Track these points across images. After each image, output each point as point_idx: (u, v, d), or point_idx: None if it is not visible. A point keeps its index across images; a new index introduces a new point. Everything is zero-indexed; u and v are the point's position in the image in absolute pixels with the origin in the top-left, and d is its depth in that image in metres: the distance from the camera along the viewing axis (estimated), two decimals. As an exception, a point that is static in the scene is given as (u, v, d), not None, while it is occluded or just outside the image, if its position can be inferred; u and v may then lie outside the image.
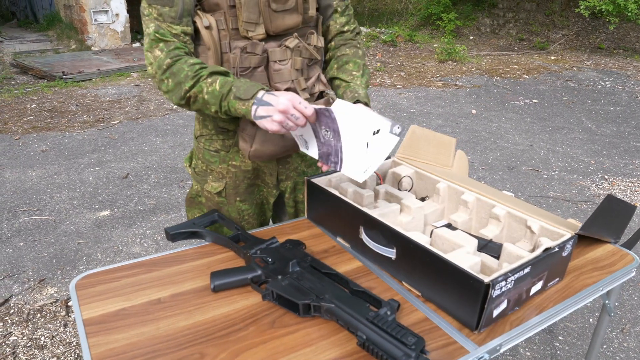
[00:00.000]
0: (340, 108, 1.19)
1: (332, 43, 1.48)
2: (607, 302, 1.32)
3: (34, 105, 5.79)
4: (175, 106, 5.80)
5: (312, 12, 1.33)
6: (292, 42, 1.31)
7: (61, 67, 7.22)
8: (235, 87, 1.18)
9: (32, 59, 7.83)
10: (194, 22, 1.26)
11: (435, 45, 9.80)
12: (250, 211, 1.53)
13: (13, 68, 7.58)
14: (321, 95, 1.45)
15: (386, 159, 1.59)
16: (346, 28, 1.48)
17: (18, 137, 4.77)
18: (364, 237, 1.26)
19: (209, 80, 1.19)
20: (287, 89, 1.33)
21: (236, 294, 1.14)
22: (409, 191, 1.50)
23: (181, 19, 1.21)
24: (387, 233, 1.17)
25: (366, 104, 1.36)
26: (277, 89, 1.33)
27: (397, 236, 1.15)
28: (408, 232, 1.14)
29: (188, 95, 1.22)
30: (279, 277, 1.12)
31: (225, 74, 1.21)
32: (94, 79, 7.00)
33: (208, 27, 1.24)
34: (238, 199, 1.49)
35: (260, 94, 1.17)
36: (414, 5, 12.53)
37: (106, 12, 9.06)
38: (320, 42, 1.38)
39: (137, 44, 9.60)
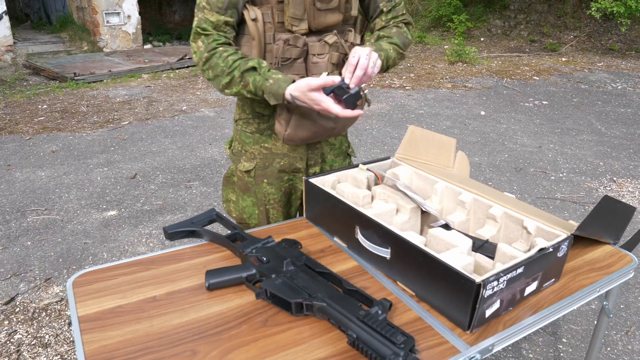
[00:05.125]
0: None
1: (376, 32, 1.53)
2: (605, 303, 1.31)
3: (45, 106, 5.85)
4: (185, 107, 5.85)
5: (354, 12, 1.41)
6: (331, 38, 1.39)
7: (73, 69, 7.30)
8: (266, 94, 1.32)
9: (44, 60, 7.93)
10: (242, 14, 1.35)
11: (445, 46, 9.77)
12: (277, 197, 1.58)
13: (26, 69, 7.68)
14: None
15: (385, 159, 1.59)
16: (393, 21, 1.52)
17: (29, 138, 4.83)
18: (359, 237, 1.26)
19: (242, 83, 1.33)
20: None
21: (231, 292, 1.15)
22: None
23: (227, 10, 1.32)
24: (382, 233, 1.18)
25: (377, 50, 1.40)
26: None
27: (391, 236, 1.15)
28: (403, 232, 1.14)
29: (228, 92, 1.37)
30: (273, 275, 1.12)
31: (253, 69, 1.32)
32: (105, 80, 7.07)
33: (254, 20, 1.33)
34: (265, 180, 1.56)
35: (288, 94, 1.29)
36: (424, 7, 12.50)
37: (118, 14, 9.15)
38: (357, 40, 1.45)
39: (148, 46, 9.68)
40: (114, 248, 2.96)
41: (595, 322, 2.33)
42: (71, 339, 2.22)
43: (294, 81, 1.29)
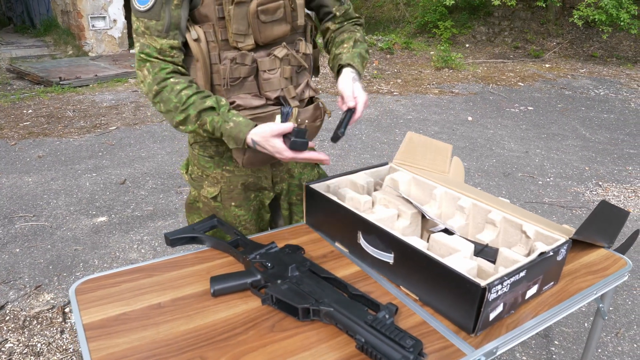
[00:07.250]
0: None
1: (333, 34, 1.51)
2: (600, 305, 1.34)
3: (30, 111, 5.78)
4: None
5: (301, 21, 1.34)
6: (281, 51, 1.32)
7: (58, 73, 7.22)
8: (225, 137, 1.26)
9: (28, 65, 7.83)
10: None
11: (431, 52, 9.86)
12: (247, 217, 1.53)
13: (9, 73, 7.58)
14: (311, 100, 1.47)
15: (384, 164, 1.61)
16: (346, 24, 1.51)
17: (14, 143, 4.77)
18: (362, 242, 1.27)
19: (199, 122, 1.25)
20: (276, 98, 1.36)
21: (236, 298, 1.15)
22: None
23: (167, 32, 1.22)
24: (385, 238, 1.19)
25: (349, 65, 1.40)
26: (267, 98, 1.36)
27: (394, 241, 1.16)
28: (406, 237, 1.16)
29: (183, 128, 1.28)
30: (278, 281, 1.13)
31: (211, 109, 1.24)
32: (91, 85, 7.01)
33: (197, 40, 1.26)
34: (233, 203, 1.50)
35: (249, 139, 1.24)
36: (410, 14, 12.61)
37: (104, 18, 9.08)
38: (309, 50, 1.40)
39: (134, 50, 9.61)
40: (105, 255, 2.93)
41: (586, 325, 2.38)
42: (64, 347, 2.20)
43: (255, 125, 1.24)
